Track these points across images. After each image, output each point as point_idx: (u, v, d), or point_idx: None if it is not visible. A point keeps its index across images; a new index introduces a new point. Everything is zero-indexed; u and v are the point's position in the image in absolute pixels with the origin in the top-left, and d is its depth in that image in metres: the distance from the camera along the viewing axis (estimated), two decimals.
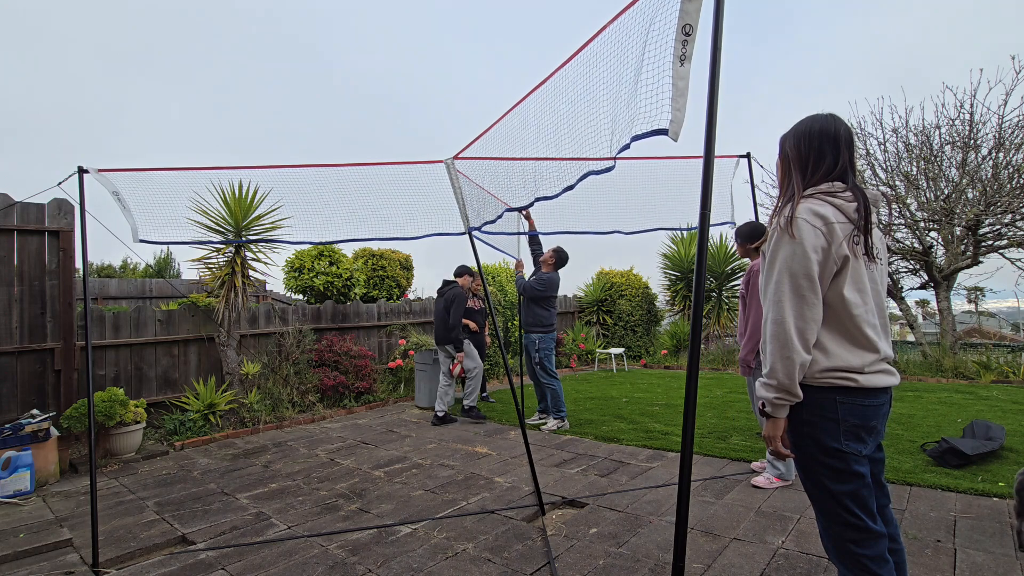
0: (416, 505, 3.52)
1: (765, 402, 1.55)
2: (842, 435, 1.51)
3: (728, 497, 3.42)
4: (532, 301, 5.59)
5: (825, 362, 1.52)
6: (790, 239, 1.50)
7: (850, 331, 1.54)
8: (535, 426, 5.63)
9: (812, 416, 1.54)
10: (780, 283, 1.51)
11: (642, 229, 4.09)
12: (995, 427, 4.10)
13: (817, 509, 1.61)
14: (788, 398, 1.51)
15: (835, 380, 1.52)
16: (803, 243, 1.48)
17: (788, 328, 1.49)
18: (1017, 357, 8.14)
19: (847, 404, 1.52)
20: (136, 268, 13.01)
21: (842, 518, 1.54)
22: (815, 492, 1.59)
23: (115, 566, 2.86)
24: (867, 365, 1.53)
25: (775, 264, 1.53)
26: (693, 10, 1.50)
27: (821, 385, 1.53)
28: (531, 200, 2.59)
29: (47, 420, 4.41)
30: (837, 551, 1.58)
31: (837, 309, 1.53)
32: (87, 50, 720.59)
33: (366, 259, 9.31)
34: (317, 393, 6.75)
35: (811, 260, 1.48)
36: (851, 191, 1.56)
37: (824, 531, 1.61)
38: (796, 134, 1.66)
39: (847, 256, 1.51)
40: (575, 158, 2.12)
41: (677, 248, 11.21)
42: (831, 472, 1.53)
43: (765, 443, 1.61)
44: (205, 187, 5.63)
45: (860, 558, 1.52)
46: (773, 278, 1.53)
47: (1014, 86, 7.78)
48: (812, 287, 1.49)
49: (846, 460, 1.52)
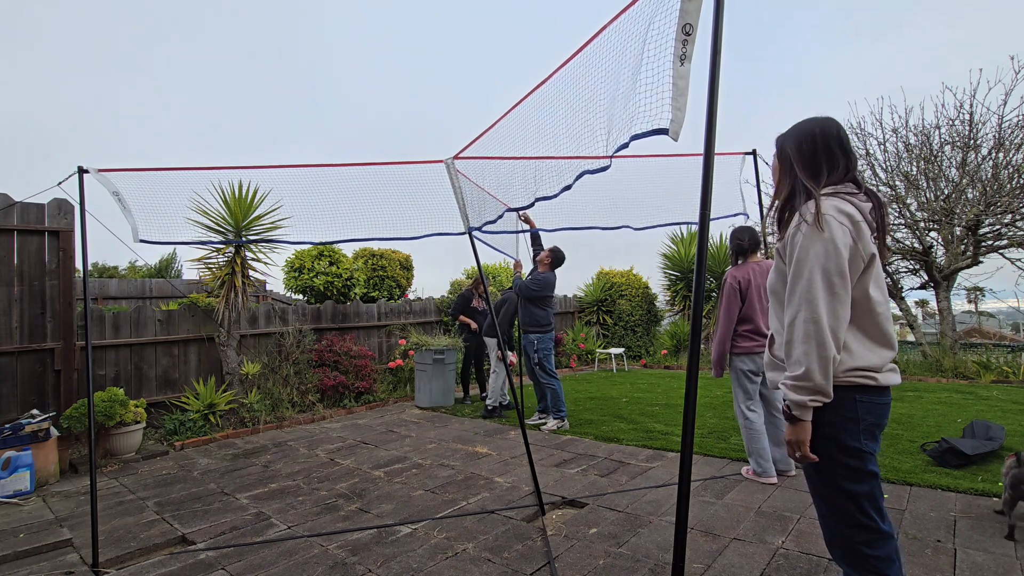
0: (416, 505, 3.52)
1: (794, 405, 1.49)
2: (861, 434, 1.50)
3: (728, 497, 3.42)
4: (528, 301, 5.60)
5: (849, 361, 1.50)
6: (820, 236, 1.46)
7: (872, 329, 1.53)
8: (535, 426, 5.63)
9: (833, 416, 1.50)
10: (812, 280, 1.46)
11: (652, 224, 4.02)
12: (995, 427, 4.10)
13: (828, 510, 1.58)
14: (821, 399, 1.47)
15: (857, 379, 1.50)
16: (834, 239, 1.45)
17: (823, 327, 1.44)
18: (1017, 357, 8.14)
19: (866, 403, 1.51)
20: (136, 267, 13.00)
21: (855, 519, 1.51)
22: (829, 493, 1.55)
23: (115, 566, 2.85)
24: (885, 364, 1.52)
25: (806, 261, 1.48)
26: (693, 9, 1.50)
27: (843, 384, 1.50)
28: (531, 200, 2.59)
29: (47, 420, 4.41)
30: (846, 553, 1.55)
31: (863, 307, 1.51)
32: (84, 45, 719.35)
33: (366, 259, 9.32)
34: (317, 393, 6.75)
35: (843, 257, 1.46)
36: (865, 193, 1.57)
37: (832, 533, 1.58)
38: (797, 135, 1.65)
39: (874, 254, 1.50)
40: (576, 156, 2.12)
41: (677, 248, 11.21)
42: (849, 472, 1.51)
43: (788, 448, 1.55)
44: (205, 187, 5.63)
45: (870, 559, 1.51)
46: (804, 275, 1.48)
47: (1014, 86, 7.80)
48: (844, 284, 1.46)
49: (864, 459, 1.50)
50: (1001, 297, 9.36)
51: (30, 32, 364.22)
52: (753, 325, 3.63)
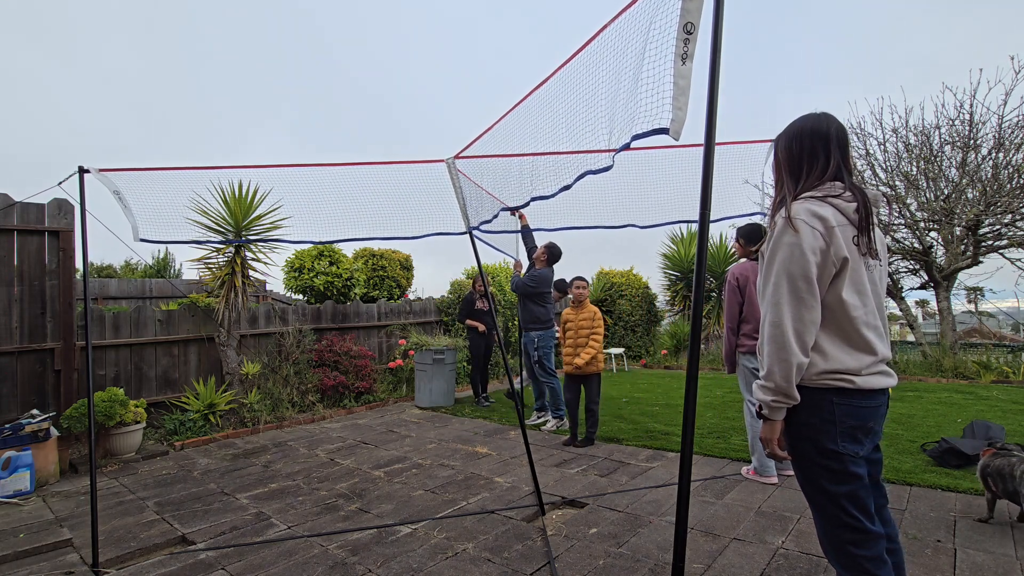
0: (416, 505, 3.52)
1: (762, 404, 1.55)
2: (839, 436, 1.51)
3: (728, 497, 3.42)
4: (527, 298, 5.60)
5: (823, 364, 1.51)
6: (788, 241, 1.49)
7: (848, 333, 1.53)
8: (535, 426, 5.63)
9: (810, 418, 1.53)
10: (778, 285, 1.50)
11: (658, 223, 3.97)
12: (995, 427, 4.10)
13: (815, 510, 1.61)
14: (785, 400, 1.51)
15: (832, 382, 1.51)
16: (801, 244, 1.47)
17: (786, 331, 1.48)
18: (1017, 357, 8.14)
19: (844, 405, 1.51)
20: (136, 267, 12.99)
21: (840, 519, 1.53)
22: (813, 494, 1.59)
23: (115, 566, 2.85)
24: (864, 367, 1.52)
25: (773, 266, 1.52)
26: (694, 9, 1.50)
27: (818, 387, 1.52)
28: (527, 199, 2.60)
29: (47, 420, 4.41)
30: (836, 552, 1.57)
31: (836, 311, 1.52)
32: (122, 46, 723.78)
33: (366, 259, 9.32)
34: (317, 393, 6.75)
35: (809, 262, 1.47)
36: (850, 190, 1.55)
37: (822, 532, 1.60)
38: (787, 135, 1.65)
39: (846, 258, 1.49)
40: (575, 151, 2.11)
41: (677, 248, 11.21)
42: (828, 473, 1.53)
43: (762, 445, 1.61)
44: (205, 187, 5.63)
45: (858, 559, 1.52)
46: (771, 280, 1.52)
47: (1014, 86, 7.80)
48: (810, 289, 1.48)
49: (843, 461, 1.51)
50: (1001, 297, 9.36)
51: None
52: (756, 323, 3.63)
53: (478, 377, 7.18)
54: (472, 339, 7.16)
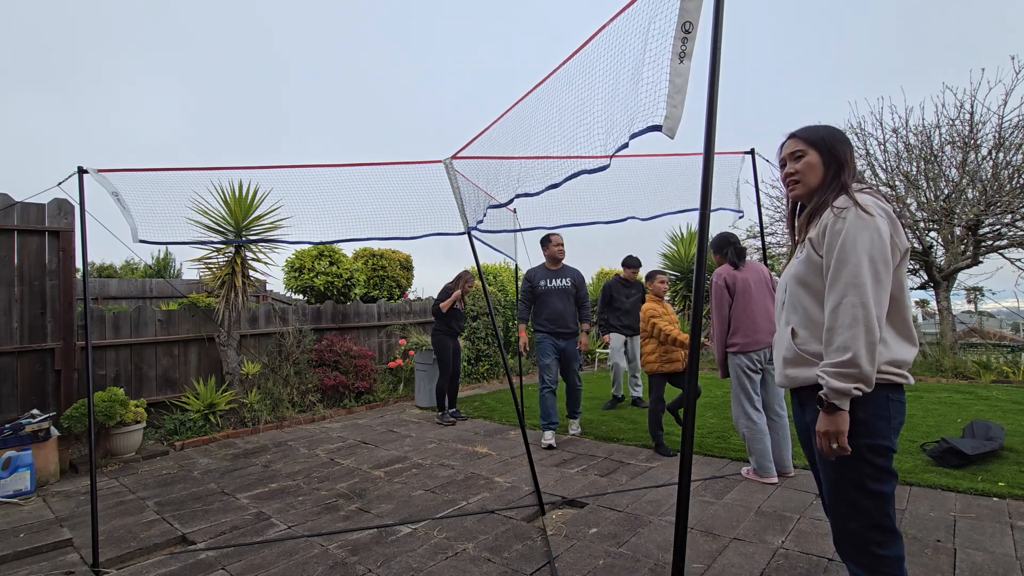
0: (416, 505, 3.52)
1: (833, 393, 1.42)
2: (892, 433, 1.49)
3: (728, 497, 3.42)
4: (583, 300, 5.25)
5: (887, 353, 1.47)
6: (867, 224, 1.46)
7: (906, 324, 1.52)
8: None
9: (866, 415, 1.47)
10: (860, 266, 1.43)
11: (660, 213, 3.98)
12: (995, 427, 4.10)
13: (848, 510, 1.53)
14: (864, 388, 1.41)
15: (892, 376, 1.48)
16: (880, 228, 1.45)
17: (872, 312, 1.39)
18: (1017, 357, 8.14)
19: (895, 402, 1.50)
20: (136, 267, 12.99)
21: (874, 519, 1.50)
22: (852, 492, 1.51)
23: (115, 566, 2.86)
24: (910, 361, 1.52)
25: (854, 248, 1.44)
26: (693, 8, 1.50)
27: (878, 381, 1.46)
28: (511, 196, 2.61)
29: (47, 420, 4.41)
30: (858, 553, 1.53)
31: (898, 300, 1.50)
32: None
33: (366, 259, 9.32)
34: (317, 393, 6.75)
35: (887, 246, 1.45)
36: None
37: (847, 533, 1.55)
38: (836, 138, 1.65)
39: (908, 248, 1.51)
40: (575, 156, 2.11)
41: (677, 248, 11.19)
42: (875, 471, 1.48)
43: (821, 440, 1.46)
44: (205, 187, 5.63)
45: (884, 560, 1.50)
46: (851, 261, 1.44)
47: (1014, 86, 7.80)
48: (888, 274, 1.45)
49: (890, 459, 1.49)
50: (1001, 297, 9.36)
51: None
52: (747, 322, 3.63)
53: (446, 385, 6.13)
54: (438, 340, 6.18)
